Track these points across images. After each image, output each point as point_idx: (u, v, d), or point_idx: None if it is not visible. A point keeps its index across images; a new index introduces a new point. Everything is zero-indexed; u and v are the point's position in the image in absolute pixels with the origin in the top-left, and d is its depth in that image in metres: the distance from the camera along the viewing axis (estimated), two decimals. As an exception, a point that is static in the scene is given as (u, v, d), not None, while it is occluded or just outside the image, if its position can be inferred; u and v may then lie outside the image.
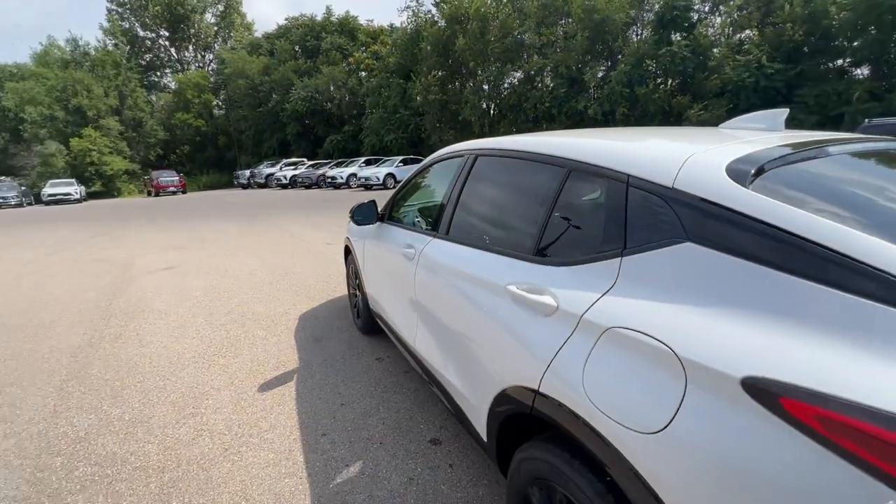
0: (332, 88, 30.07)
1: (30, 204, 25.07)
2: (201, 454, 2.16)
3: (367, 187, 19.05)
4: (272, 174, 25.62)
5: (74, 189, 25.21)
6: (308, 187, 23.04)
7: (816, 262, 0.76)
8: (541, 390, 1.12)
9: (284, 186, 24.52)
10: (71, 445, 2.27)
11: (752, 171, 0.93)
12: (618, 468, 0.91)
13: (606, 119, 18.31)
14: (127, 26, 42.91)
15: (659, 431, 0.83)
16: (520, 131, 21.55)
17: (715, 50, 16.11)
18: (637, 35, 19.30)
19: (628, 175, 1.10)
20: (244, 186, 28.59)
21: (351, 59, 31.88)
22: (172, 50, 46.42)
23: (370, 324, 3.20)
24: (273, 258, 6.41)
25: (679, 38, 16.27)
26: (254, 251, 7.07)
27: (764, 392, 0.71)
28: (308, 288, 4.81)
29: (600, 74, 19.54)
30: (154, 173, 28.74)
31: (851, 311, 0.71)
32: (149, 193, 28.99)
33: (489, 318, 1.43)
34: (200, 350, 3.37)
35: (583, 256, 1.16)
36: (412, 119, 25.10)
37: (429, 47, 23.16)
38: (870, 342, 0.68)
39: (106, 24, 41.36)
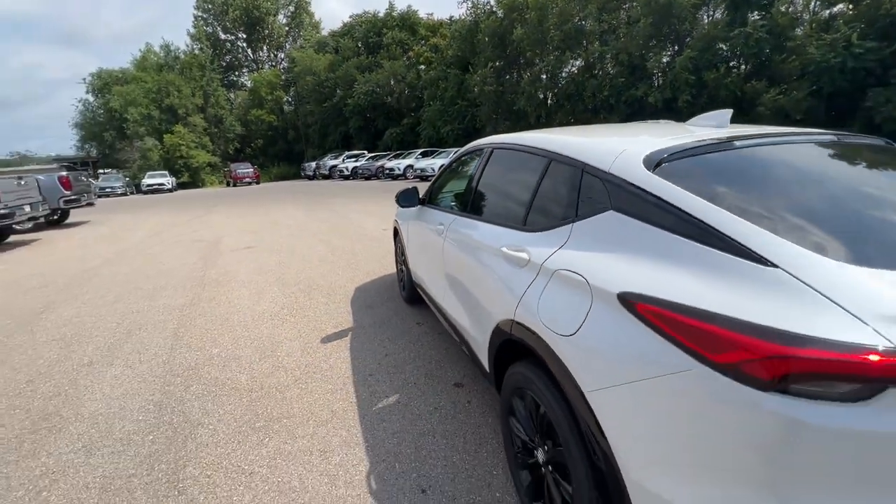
0: (392, 83, 31.17)
1: (132, 193, 28.63)
2: (278, 382, 2.80)
3: (423, 178, 19.79)
4: (335, 166, 27.23)
5: (167, 180, 28.47)
6: (367, 178, 24.28)
7: (681, 222, 1.13)
8: (515, 319, 1.55)
9: (346, 177, 26.00)
10: (186, 371, 3.01)
11: (658, 160, 1.29)
12: (552, 361, 1.32)
13: (668, 107, 17.54)
14: (210, 31, 46.97)
15: (574, 333, 1.24)
16: (577, 122, 21.18)
17: (797, 30, 14.82)
18: (708, 16, 18.17)
19: (584, 163, 1.49)
20: (310, 177, 30.62)
21: (411, 53, 32.79)
22: (249, 51, 50.14)
23: (413, 294, 3.73)
24: (334, 240, 7.19)
25: (755, 18, 15.15)
26: (318, 234, 7.91)
27: (627, 301, 1.10)
28: (363, 265, 5.46)
29: (665, 60, 18.70)
30: (232, 165, 31.60)
31: (695, 255, 1.08)
32: (228, 184, 31.95)
33: (489, 273, 1.87)
34: (275, 311, 4.09)
35: (551, 224, 1.57)
36: (469, 110, 25.46)
37: (486, 38, 23.33)
38: (698, 271, 1.04)
39: (192, 30, 45.61)
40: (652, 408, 1.03)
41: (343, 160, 27.73)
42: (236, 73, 50.85)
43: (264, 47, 50.18)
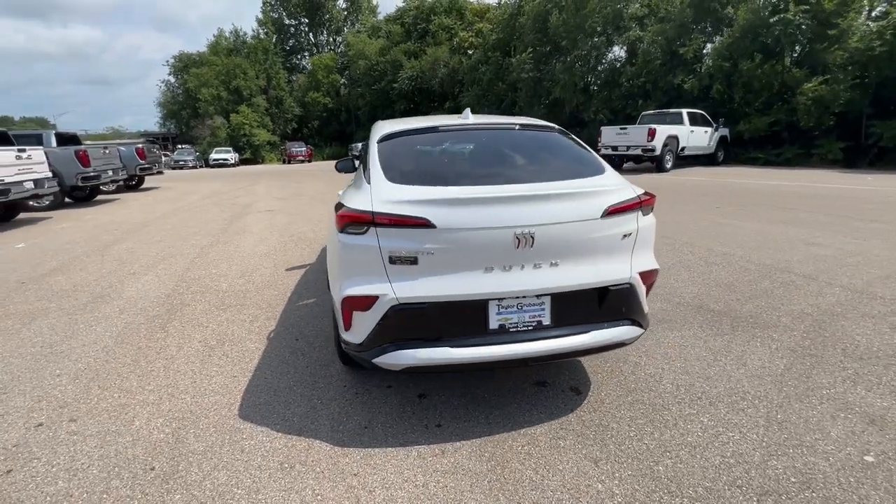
0: (436, 68, 32.11)
1: (201, 166, 32.05)
2: (244, 289, 4.10)
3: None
4: (378, 147, 28.85)
5: (231, 156, 31.58)
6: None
7: (366, 168, 2.18)
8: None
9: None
10: (190, 281, 4.40)
11: (386, 136, 2.33)
12: None
13: (705, 94, 17.17)
14: (276, 16, 50.00)
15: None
16: (612, 109, 21.04)
17: (841, 19, 13.98)
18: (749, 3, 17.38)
19: (378, 137, 2.54)
20: (356, 157, 32.51)
21: (456, 40, 33.45)
22: (310, 35, 52.85)
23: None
24: (340, 208, 8.52)
25: (797, 6, 14.44)
26: (329, 202, 9.28)
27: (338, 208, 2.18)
28: (348, 226, 6.72)
29: (706, 50, 18.19)
30: (288, 144, 34.27)
31: (362, 181, 2.13)
32: (283, 161, 34.71)
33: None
34: (266, 252, 5.43)
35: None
36: (508, 94, 25.92)
37: (528, 21, 23.54)
38: (361, 187, 2.10)
39: (260, 16, 48.81)
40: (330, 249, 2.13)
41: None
42: (298, 56, 53.83)
43: (324, 31, 52.63)
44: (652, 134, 13.25)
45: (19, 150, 7.38)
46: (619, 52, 22.00)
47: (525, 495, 1.63)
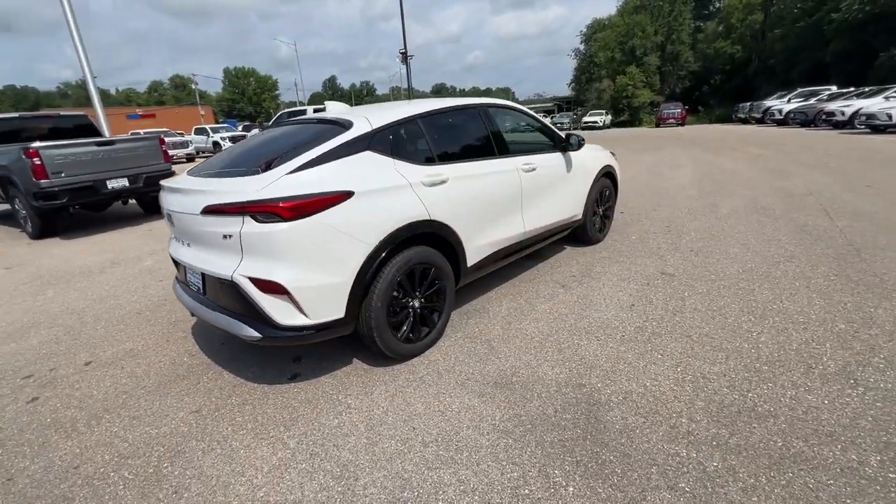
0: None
1: (575, 128, 35.41)
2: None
3: (874, 128, 14.12)
4: (769, 108, 22.71)
5: (601, 118, 33.24)
6: (803, 124, 19.25)
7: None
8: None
9: (780, 122, 21.46)
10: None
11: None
12: None
13: None
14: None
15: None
16: None
17: None
18: None
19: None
20: (742, 121, 26.88)
21: None
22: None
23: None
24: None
25: None
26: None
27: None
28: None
29: None
30: (662, 106, 32.17)
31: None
32: (657, 124, 33.11)
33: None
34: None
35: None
36: None
37: None
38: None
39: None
40: None
41: (788, 100, 22.57)
42: (710, 2, 46.93)
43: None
44: None
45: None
46: None
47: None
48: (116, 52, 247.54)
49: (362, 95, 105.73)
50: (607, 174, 4.45)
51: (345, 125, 2.46)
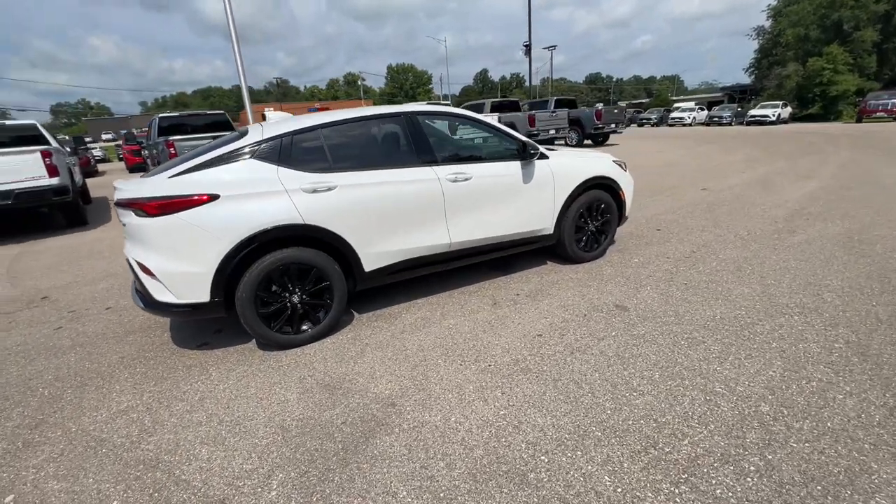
0: None
1: (738, 123, 29.91)
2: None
3: None
4: None
5: (774, 112, 27.29)
6: None
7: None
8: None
9: None
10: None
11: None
12: None
13: None
14: None
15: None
16: None
17: None
18: None
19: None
20: None
21: None
22: None
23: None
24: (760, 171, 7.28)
25: None
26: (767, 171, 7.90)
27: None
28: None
29: None
30: (869, 95, 25.02)
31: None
32: (857, 119, 25.98)
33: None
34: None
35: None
36: None
37: None
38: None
39: None
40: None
41: None
42: None
43: None
44: None
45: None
46: None
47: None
48: (312, 53, 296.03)
49: (510, 88, 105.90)
50: (602, 186, 3.94)
51: (242, 134, 2.80)
